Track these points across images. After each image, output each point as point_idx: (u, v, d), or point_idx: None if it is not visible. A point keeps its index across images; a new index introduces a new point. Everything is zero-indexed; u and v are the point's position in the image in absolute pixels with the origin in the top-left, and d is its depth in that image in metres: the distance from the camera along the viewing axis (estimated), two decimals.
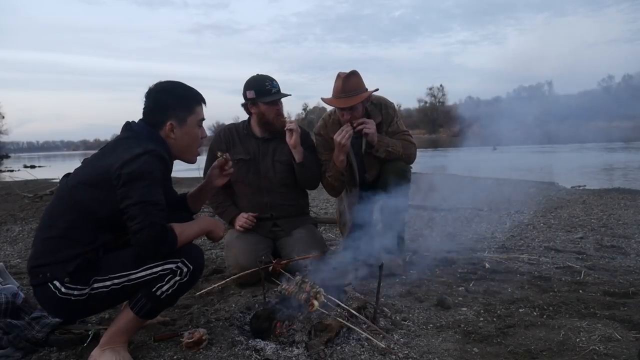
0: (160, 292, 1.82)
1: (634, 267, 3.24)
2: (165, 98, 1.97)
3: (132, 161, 1.74)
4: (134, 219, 1.71)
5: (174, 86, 2.01)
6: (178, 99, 1.99)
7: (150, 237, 1.71)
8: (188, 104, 2.00)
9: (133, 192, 1.71)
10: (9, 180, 14.57)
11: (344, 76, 2.94)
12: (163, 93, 1.98)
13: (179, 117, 1.96)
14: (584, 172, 12.20)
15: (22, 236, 5.06)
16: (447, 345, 2.01)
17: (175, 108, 1.96)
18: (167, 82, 2.03)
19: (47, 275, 1.74)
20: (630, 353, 1.88)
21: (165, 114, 1.95)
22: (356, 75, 2.98)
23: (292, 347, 1.96)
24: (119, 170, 1.73)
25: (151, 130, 1.95)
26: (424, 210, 6.00)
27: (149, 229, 1.70)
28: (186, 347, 1.97)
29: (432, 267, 3.28)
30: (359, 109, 3.01)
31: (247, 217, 3.02)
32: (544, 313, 2.37)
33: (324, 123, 3.26)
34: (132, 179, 1.72)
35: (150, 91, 1.98)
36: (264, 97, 2.95)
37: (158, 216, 1.74)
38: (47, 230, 1.82)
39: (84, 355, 1.97)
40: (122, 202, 1.73)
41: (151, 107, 1.97)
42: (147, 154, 1.77)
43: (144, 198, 1.72)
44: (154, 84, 2.01)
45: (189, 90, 2.04)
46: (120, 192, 1.73)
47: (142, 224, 1.70)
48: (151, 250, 1.75)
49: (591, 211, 5.79)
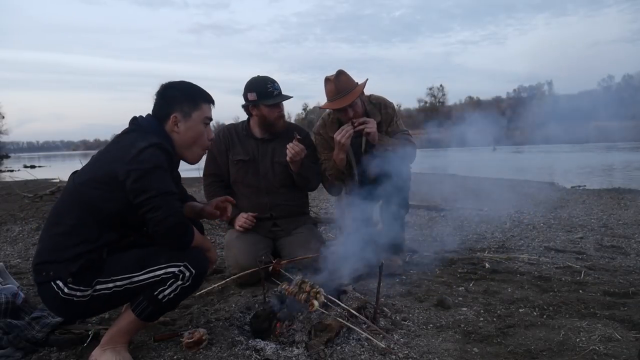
0: (162, 296, 1.82)
1: (634, 267, 3.24)
2: (172, 92, 2.01)
3: (140, 156, 1.75)
4: (157, 209, 1.73)
5: (182, 83, 2.06)
6: (184, 93, 2.02)
7: (176, 225, 1.77)
8: (194, 99, 2.02)
9: (151, 185, 1.74)
10: (9, 180, 14.56)
11: (333, 78, 2.97)
12: (171, 88, 2.03)
13: (183, 111, 1.98)
14: (584, 172, 12.20)
15: (22, 236, 5.06)
16: (447, 345, 2.01)
17: (180, 102, 1.99)
18: (178, 81, 2.07)
19: (51, 274, 1.74)
20: (630, 353, 1.88)
21: (170, 106, 1.97)
22: (344, 74, 3.00)
23: (292, 347, 1.96)
24: (127, 167, 1.74)
25: (157, 124, 1.97)
26: (424, 210, 6.00)
27: (174, 217, 1.76)
28: (186, 347, 1.98)
29: (432, 267, 3.28)
30: (357, 104, 3.02)
31: (246, 217, 3.02)
32: (544, 313, 2.37)
33: (324, 122, 3.27)
34: (145, 174, 1.74)
35: (159, 88, 2.03)
36: (266, 99, 2.93)
37: (179, 205, 1.84)
38: (54, 227, 1.82)
39: (84, 355, 1.97)
40: (139, 197, 1.74)
41: (158, 101, 2.01)
42: (151, 147, 1.79)
43: (163, 189, 1.76)
44: (165, 82, 2.05)
45: (198, 88, 2.07)
46: (135, 187, 1.73)
47: (167, 213, 1.74)
48: (175, 239, 1.80)
49: (591, 211, 5.79)
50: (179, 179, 2.12)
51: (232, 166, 3.11)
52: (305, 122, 57.90)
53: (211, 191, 3.16)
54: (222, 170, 3.14)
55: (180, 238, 1.82)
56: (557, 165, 15.99)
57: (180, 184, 2.16)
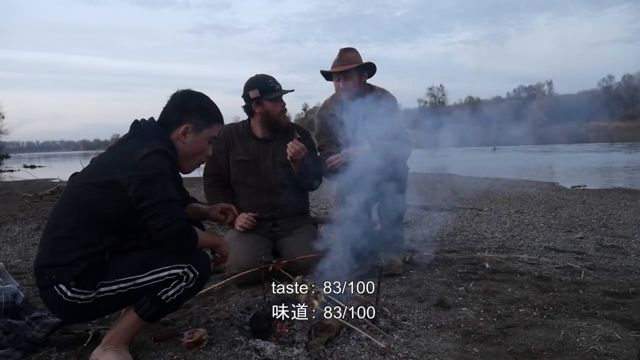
0: (165, 297, 1.82)
1: (634, 267, 3.24)
2: (192, 103, 2.01)
3: (143, 162, 1.75)
4: (159, 216, 1.73)
5: (202, 97, 2.06)
6: (203, 109, 2.02)
7: (177, 233, 1.77)
8: (209, 117, 2.03)
9: (153, 192, 1.74)
10: (9, 180, 14.56)
11: (342, 49, 3.17)
12: (192, 98, 2.03)
13: (196, 124, 1.99)
14: (584, 172, 12.20)
15: (22, 236, 5.06)
16: (447, 345, 2.01)
17: (196, 115, 1.99)
18: (198, 92, 2.07)
19: (53, 277, 1.74)
20: (630, 353, 1.88)
21: (185, 116, 1.97)
22: (354, 51, 3.20)
23: (292, 347, 1.96)
24: (129, 173, 1.74)
25: (160, 128, 1.95)
26: (424, 210, 6.00)
27: (176, 224, 1.76)
28: (186, 347, 1.97)
29: (432, 267, 3.28)
30: (351, 78, 3.14)
31: (247, 218, 3.01)
32: (544, 313, 2.37)
33: (325, 104, 3.34)
34: (148, 180, 1.74)
35: (177, 93, 2.03)
36: (269, 94, 2.94)
37: (181, 212, 1.83)
38: (54, 230, 1.82)
39: (84, 355, 1.97)
40: (141, 203, 1.74)
41: (173, 107, 1.99)
42: (155, 153, 1.78)
43: (165, 196, 1.75)
44: (184, 89, 2.05)
45: (215, 106, 2.08)
46: (137, 194, 1.73)
47: (169, 220, 1.74)
48: (177, 245, 1.80)
49: (591, 211, 5.79)
50: (181, 181, 2.12)
51: (232, 166, 3.11)
52: (305, 122, 57.81)
53: (211, 191, 3.16)
54: (222, 170, 3.14)
55: (182, 244, 1.82)
56: (557, 165, 16.00)
57: (182, 187, 2.16)
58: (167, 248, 1.82)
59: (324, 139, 3.22)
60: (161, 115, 2.01)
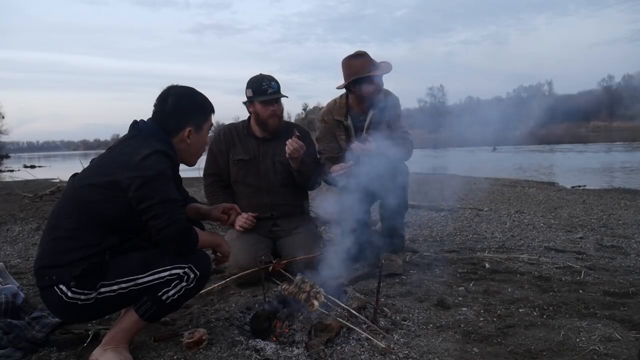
0: (166, 297, 1.83)
1: (634, 267, 3.24)
2: (188, 104, 2.01)
3: (143, 163, 1.76)
4: (159, 217, 1.74)
5: (193, 93, 2.05)
6: (198, 106, 2.04)
7: (177, 233, 1.78)
8: (205, 112, 2.06)
9: (153, 193, 1.74)
10: (9, 180, 14.57)
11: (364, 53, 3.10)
12: (186, 99, 2.01)
13: (197, 124, 2.01)
14: (584, 172, 12.20)
15: (22, 236, 5.06)
16: (447, 345, 2.01)
17: (194, 115, 2.01)
18: (184, 87, 2.05)
19: (53, 278, 1.74)
20: (630, 353, 1.89)
21: (185, 118, 1.98)
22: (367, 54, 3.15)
23: (292, 347, 1.96)
24: (130, 173, 1.75)
25: (159, 130, 1.95)
26: (424, 210, 6.00)
27: (176, 225, 1.77)
28: (186, 347, 1.97)
29: (432, 267, 3.28)
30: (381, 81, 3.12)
31: (247, 217, 3.01)
32: (544, 313, 2.37)
33: (329, 109, 3.30)
34: (148, 181, 1.74)
35: (167, 95, 1.99)
36: (259, 96, 2.95)
37: (181, 212, 1.83)
38: (54, 230, 1.82)
39: (84, 355, 1.97)
40: (142, 204, 1.74)
41: (171, 112, 1.97)
42: (155, 154, 1.79)
43: (165, 197, 1.76)
44: (169, 88, 2.02)
45: (206, 98, 2.09)
46: (138, 194, 1.74)
47: (169, 221, 1.75)
48: (177, 245, 1.81)
49: (591, 211, 5.79)
50: (180, 182, 2.12)
51: (232, 166, 3.11)
52: (305, 122, 57.82)
53: (211, 191, 3.16)
54: (222, 170, 3.14)
55: (183, 245, 1.83)
56: (557, 165, 16.00)
57: (182, 187, 2.16)
58: (167, 248, 1.82)
59: (326, 143, 3.21)
60: (157, 117, 1.98)
